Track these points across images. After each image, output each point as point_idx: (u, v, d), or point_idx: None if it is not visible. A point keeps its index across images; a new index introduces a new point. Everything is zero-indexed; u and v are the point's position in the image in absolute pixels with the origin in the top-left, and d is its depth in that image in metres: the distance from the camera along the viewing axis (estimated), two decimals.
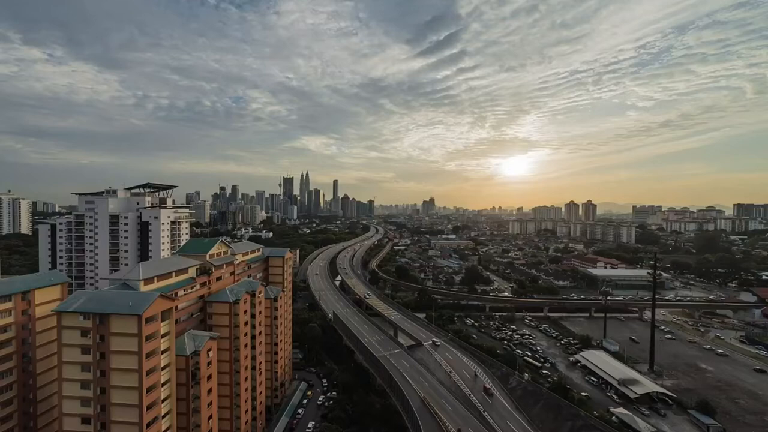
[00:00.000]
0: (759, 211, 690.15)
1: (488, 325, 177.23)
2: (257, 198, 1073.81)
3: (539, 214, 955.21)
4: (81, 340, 56.30)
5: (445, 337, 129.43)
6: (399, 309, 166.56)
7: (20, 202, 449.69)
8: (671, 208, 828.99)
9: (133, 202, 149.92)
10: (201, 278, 79.85)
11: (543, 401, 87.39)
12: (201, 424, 66.76)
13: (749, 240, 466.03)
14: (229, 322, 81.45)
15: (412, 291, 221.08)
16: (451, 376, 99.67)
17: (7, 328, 68.24)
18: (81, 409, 56.52)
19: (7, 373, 68.18)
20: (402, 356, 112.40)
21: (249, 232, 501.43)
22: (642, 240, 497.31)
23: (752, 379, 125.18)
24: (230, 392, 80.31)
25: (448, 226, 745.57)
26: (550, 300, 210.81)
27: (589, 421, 79.43)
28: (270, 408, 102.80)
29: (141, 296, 58.22)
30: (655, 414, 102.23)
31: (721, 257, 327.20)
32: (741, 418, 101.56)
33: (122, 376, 55.19)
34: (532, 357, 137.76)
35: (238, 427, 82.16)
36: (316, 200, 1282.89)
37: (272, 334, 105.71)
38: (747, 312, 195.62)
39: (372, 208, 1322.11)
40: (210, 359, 70.33)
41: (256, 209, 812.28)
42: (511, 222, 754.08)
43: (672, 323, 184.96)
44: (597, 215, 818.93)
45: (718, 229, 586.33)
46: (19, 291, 70.04)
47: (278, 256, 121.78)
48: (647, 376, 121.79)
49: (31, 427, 71.39)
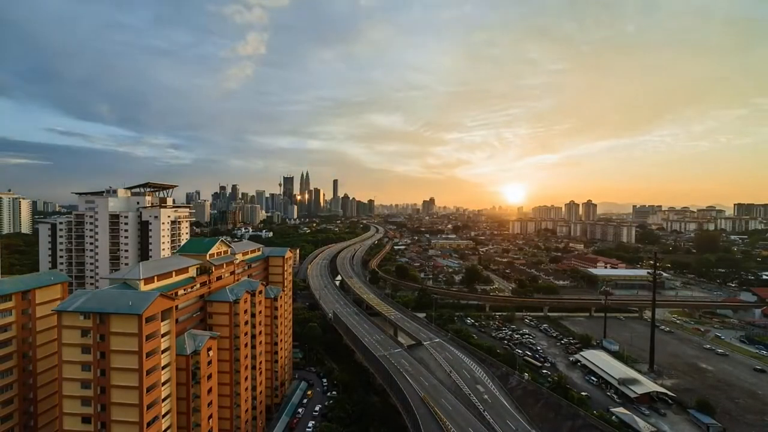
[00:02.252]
0: (759, 211, 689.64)
1: (488, 324, 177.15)
2: (257, 197, 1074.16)
3: (539, 213, 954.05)
4: (81, 339, 56.29)
5: (445, 336, 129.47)
6: (399, 308, 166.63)
7: (20, 201, 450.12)
8: (671, 208, 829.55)
9: (133, 201, 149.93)
10: (201, 278, 79.84)
11: (543, 401, 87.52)
12: (201, 423, 66.77)
13: (749, 240, 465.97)
14: (229, 321, 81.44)
15: (412, 290, 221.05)
16: (451, 375, 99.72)
17: (8, 327, 68.31)
18: (81, 408, 56.51)
19: (7, 372, 68.25)
20: (402, 356, 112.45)
21: (249, 232, 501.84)
22: (642, 240, 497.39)
23: (752, 378, 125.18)
24: (230, 392, 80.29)
25: (448, 226, 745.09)
26: (550, 299, 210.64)
27: (589, 421, 79.56)
28: (270, 407, 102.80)
29: (141, 296, 58.21)
30: (655, 413, 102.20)
31: (721, 257, 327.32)
32: (741, 417, 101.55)
33: (122, 376, 55.21)
34: (532, 357, 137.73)
35: (238, 426, 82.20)
36: (316, 200, 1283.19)
37: (272, 333, 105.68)
38: (747, 312, 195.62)
39: (372, 207, 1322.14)
40: (210, 358, 70.35)
41: (256, 209, 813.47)
42: (511, 222, 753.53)
43: (672, 323, 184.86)
44: (597, 215, 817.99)
45: (718, 229, 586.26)
46: (20, 290, 70.10)
47: (278, 255, 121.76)
48: (647, 375, 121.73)
49: (31, 426, 71.47)
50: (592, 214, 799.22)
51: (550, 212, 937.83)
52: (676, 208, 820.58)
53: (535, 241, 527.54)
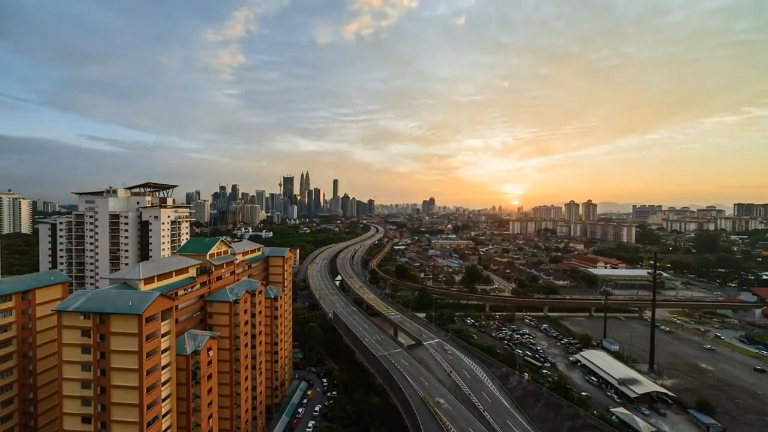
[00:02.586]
0: (759, 211, 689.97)
1: (488, 324, 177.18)
2: (257, 198, 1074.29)
3: (539, 213, 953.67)
4: (81, 339, 56.28)
5: (445, 336, 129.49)
6: (399, 308, 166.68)
7: (20, 201, 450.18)
8: (671, 208, 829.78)
9: (133, 201, 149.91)
10: (201, 278, 79.84)
11: (543, 401, 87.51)
12: (201, 423, 66.77)
13: (749, 240, 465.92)
14: (229, 321, 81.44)
15: (412, 290, 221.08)
16: (451, 375, 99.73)
17: (8, 327, 68.33)
18: (81, 408, 56.52)
19: (7, 372, 68.27)
20: (402, 356, 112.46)
21: (249, 232, 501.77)
22: (642, 240, 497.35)
23: (752, 378, 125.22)
24: (230, 392, 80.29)
25: (448, 226, 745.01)
26: (550, 299, 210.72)
27: (589, 421, 79.54)
28: (270, 407, 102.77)
29: (141, 296, 58.21)
30: (655, 413, 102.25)
31: (721, 257, 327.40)
32: (741, 417, 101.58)
33: (122, 376, 55.22)
34: (532, 357, 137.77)
35: (238, 426, 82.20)
36: (316, 200, 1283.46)
37: (272, 333, 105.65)
38: (747, 312, 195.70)
39: (372, 207, 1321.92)
40: (210, 359, 70.36)
41: (256, 209, 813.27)
42: (511, 222, 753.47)
43: (672, 323, 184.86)
44: (597, 215, 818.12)
45: (718, 229, 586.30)
46: (20, 290, 70.10)
47: (278, 255, 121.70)
48: (647, 375, 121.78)
49: (31, 426, 71.49)
50: (592, 214, 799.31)
51: (550, 212, 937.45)
52: (676, 208, 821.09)
53: (535, 241, 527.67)
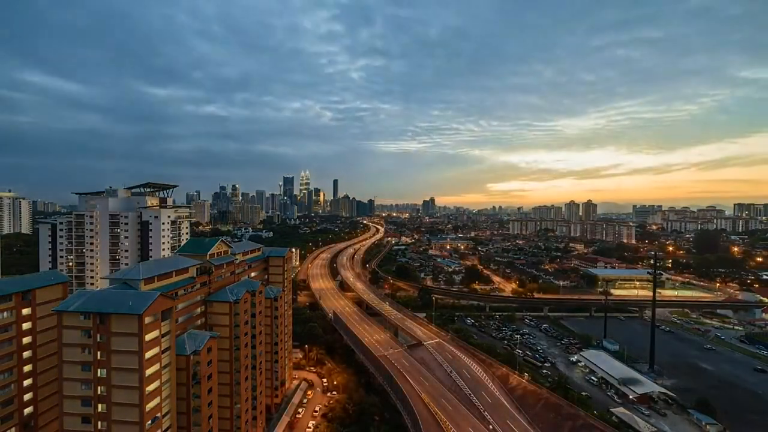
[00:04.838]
0: (759, 211, 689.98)
1: (488, 324, 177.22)
2: (257, 198, 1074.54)
3: (539, 213, 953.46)
4: (81, 339, 56.27)
5: (445, 336, 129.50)
6: (399, 308, 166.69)
7: (20, 201, 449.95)
8: (671, 208, 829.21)
9: (133, 201, 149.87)
10: (201, 278, 79.82)
11: (543, 401, 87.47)
12: (201, 423, 66.75)
13: (749, 240, 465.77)
14: (230, 321, 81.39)
15: (413, 290, 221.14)
16: (451, 375, 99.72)
17: (8, 327, 68.23)
18: (81, 408, 56.51)
19: (7, 372, 68.21)
20: (402, 355, 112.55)
21: (249, 232, 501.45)
22: (642, 240, 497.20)
23: (752, 378, 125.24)
24: (230, 392, 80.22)
25: (448, 226, 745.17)
26: (550, 299, 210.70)
27: (589, 421, 79.49)
28: (270, 407, 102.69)
29: (141, 296, 58.17)
30: (656, 413, 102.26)
31: (721, 257, 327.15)
32: (741, 417, 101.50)
33: (123, 376, 55.17)
34: (532, 357, 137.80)
35: (238, 426, 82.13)
36: (316, 200, 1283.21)
37: (272, 333, 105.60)
38: (747, 312, 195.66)
39: (372, 207, 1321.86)
40: (210, 359, 70.34)
41: (256, 209, 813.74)
42: (512, 222, 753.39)
43: (672, 323, 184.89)
44: (597, 215, 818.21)
45: (718, 228, 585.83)
46: (20, 290, 69.94)
47: (278, 255, 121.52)
48: (647, 375, 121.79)
49: (31, 426, 71.42)
50: (592, 214, 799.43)
51: (550, 212, 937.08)
52: (676, 208, 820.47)
53: (535, 241, 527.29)
